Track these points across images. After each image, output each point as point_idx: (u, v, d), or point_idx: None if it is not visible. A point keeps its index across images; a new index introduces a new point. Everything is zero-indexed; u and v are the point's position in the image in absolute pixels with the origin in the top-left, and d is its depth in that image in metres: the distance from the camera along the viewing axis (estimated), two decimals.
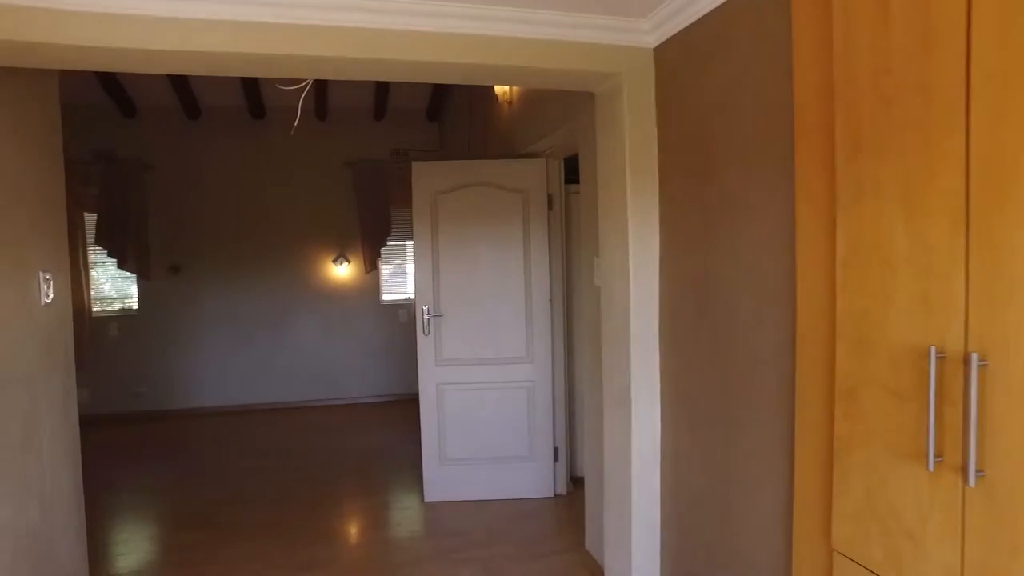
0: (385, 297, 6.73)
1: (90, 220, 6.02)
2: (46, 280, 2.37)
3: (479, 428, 3.77)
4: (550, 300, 3.78)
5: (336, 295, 6.52)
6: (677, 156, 2.23)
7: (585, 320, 3.12)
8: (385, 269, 6.76)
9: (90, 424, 6.12)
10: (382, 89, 6.08)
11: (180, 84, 5.74)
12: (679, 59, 2.17)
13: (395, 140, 6.48)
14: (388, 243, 6.52)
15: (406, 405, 6.08)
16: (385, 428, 5.61)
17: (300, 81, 2.38)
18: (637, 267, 2.35)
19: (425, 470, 3.83)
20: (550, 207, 3.79)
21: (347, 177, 6.45)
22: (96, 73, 5.51)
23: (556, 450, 3.87)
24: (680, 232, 2.22)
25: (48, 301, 2.37)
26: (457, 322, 3.74)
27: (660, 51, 2.28)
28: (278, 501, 3.97)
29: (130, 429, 5.79)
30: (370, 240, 6.44)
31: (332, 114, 6.42)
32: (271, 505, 3.91)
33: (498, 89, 4.26)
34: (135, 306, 6.22)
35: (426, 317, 3.70)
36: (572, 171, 3.82)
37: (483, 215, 3.76)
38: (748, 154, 1.80)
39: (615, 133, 2.41)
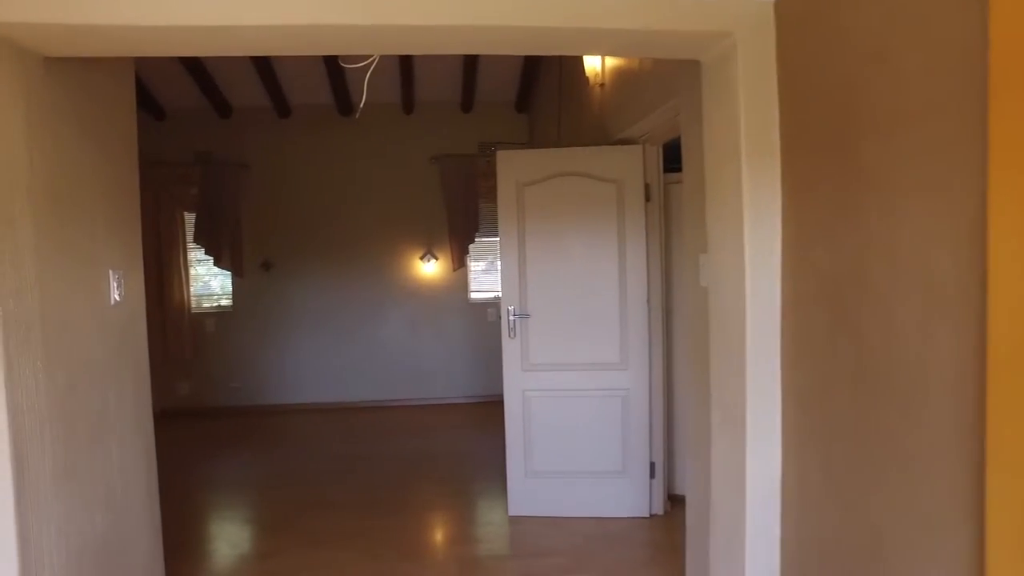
0: (473, 295, 6.55)
1: (190, 220, 6.19)
2: (116, 279, 2.29)
3: (568, 439, 3.47)
4: (647, 301, 3.42)
5: (424, 293, 6.40)
6: (806, 128, 1.84)
7: (687, 324, 2.74)
8: (474, 266, 6.58)
9: (190, 416, 6.41)
10: (469, 81, 5.89)
11: (271, 83, 5.77)
12: (808, 4, 1.78)
13: (483, 133, 6.27)
14: (476, 239, 6.33)
15: (495, 407, 5.85)
16: (473, 431, 5.41)
17: (369, 57, 2.16)
18: (754, 264, 1.97)
19: (510, 482, 3.57)
20: (647, 198, 3.42)
21: (434, 172, 6.31)
22: (194, 76, 5.62)
23: (652, 465, 3.50)
24: (809, 222, 1.83)
25: (118, 299, 2.29)
26: (545, 324, 3.45)
27: (782, 0, 1.89)
28: (361, 507, 3.84)
29: (226, 423, 5.91)
30: (458, 237, 6.27)
31: (419, 108, 6.29)
32: (353, 511, 3.78)
33: (589, 71, 3.93)
34: (230, 302, 6.35)
35: (512, 318, 3.44)
36: (671, 159, 3.45)
37: (574, 208, 3.45)
38: (911, 116, 1.39)
39: (727, 106, 2.03)
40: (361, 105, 2.85)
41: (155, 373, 6.06)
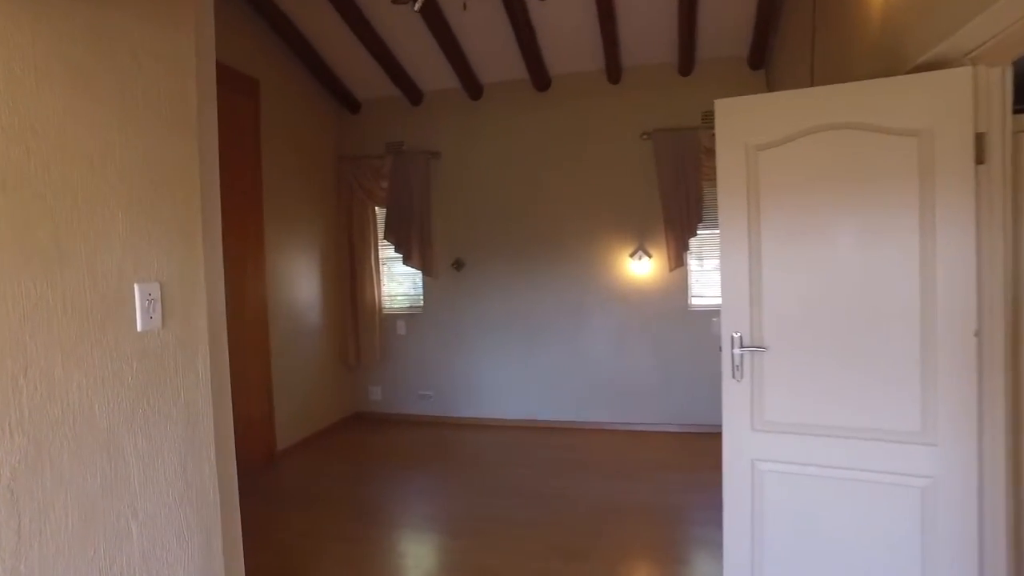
0: (694, 300, 5.33)
1: (382, 216, 5.86)
2: (148, 297, 1.65)
3: (826, 548, 2.21)
4: (975, 332, 2.03)
5: (633, 297, 5.35)
6: None
7: None
8: (696, 265, 5.36)
9: (382, 422, 6.10)
10: (687, 36, 4.69)
11: (460, 63, 5.17)
12: None
13: (707, 100, 4.97)
14: (699, 232, 5.11)
15: (717, 441, 4.66)
16: (687, 475, 4.25)
17: None
18: None
19: None
20: (979, 158, 2.03)
21: (647, 151, 5.21)
22: (383, 64, 5.22)
23: None
24: None
25: (150, 325, 1.65)
26: (790, 363, 2.23)
27: None
28: (527, 570, 2.97)
29: (415, 434, 5.46)
30: (675, 229, 5.11)
31: (627, 75, 5.24)
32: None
33: None
34: (421, 304, 5.92)
35: (737, 351, 2.28)
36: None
37: (841, 180, 2.17)
38: None
39: None
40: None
41: (349, 376, 5.80)
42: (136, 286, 1.63)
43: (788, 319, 2.21)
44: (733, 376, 2.27)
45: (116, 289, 1.58)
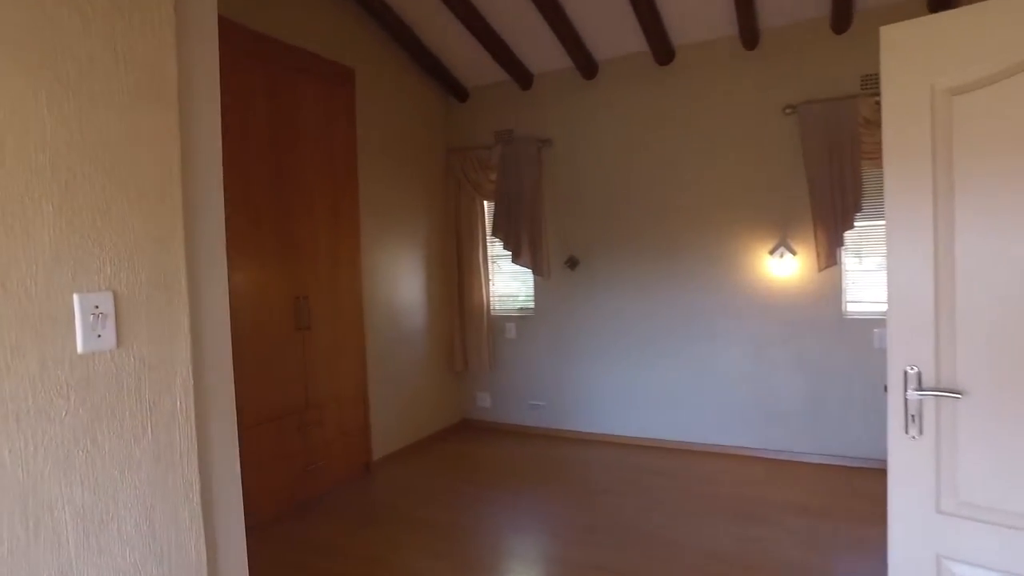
0: (850, 307, 4.40)
1: (490, 210, 5.46)
2: (95, 311, 1.30)
3: None
4: None
5: (775, 302, 4.52)
6: None
7: None
8: (852, 264, 4.43)
9: (490, 432, 5.67)
10: None
11: (571, 40, 4.63)
12: None
13: (868, 61, 4.09)
14: (855, 224, 4.20)
15: (880, 480, 3.78)
16: (836, 521, 3.43)
17: None
18: None
19: None
20: None
21: (791, 127, 4.37)
22: (489, 47, 4.81)
23: None
24: None
25: (97, 345, 1.30)
26: (1004, 415, 1.47)
27: None
28: None
29: (522, 447, 5.00)
30: (826, 220, 4.23)
31: (766, 38, 4.43)
32: None
33: None
34: (532, 306, 5.44)
35: (913, 394, 1.56)
36: None
37: None
38: None
39: None
40: None
41: (456, 381, 5.45)
42: (76, 297, 1.28)
43: (999, 348, 1.46)
44: (906, 431, 1.55)
45: (42, 302, 1.23)
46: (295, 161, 3.96)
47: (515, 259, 5.23)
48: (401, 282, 5.02)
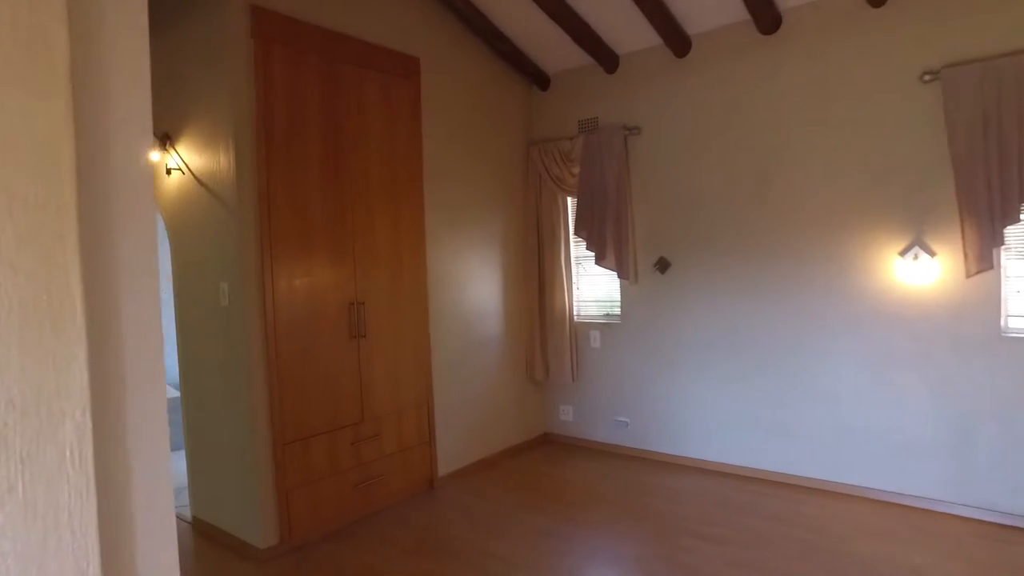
0: (1010, 322, 3.50)
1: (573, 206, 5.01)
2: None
3: None
4: None
5: (907, 314, 3.70)
6: None
7: None
8: (1014, 268, 3.52)
9: (571, 448, 5.05)
10: None
11: (660, 15, 4.08)
12: None
13: None
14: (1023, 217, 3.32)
15: None
16: None
17: None
18: None
19: None
20: None
21: (931, 99, 3.54)
22: (568, 30, 4.36)
23: None
24: None
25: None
26: None
27: None
28: None
29: (603, 467, 4.52)
30: (978, 212, 3.38)
31: None
32: None
33: None
34: (618, 312, 4.91)
35: None
36: None
37: None
38: None
39: None
40: None
41: (537, 392, 5.05)
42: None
43: None
44: None
45: None
46: (354, 159, 3.75)
47: (599, 261, 4.74)
48: (474, 286, 4.70)
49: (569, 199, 5.04)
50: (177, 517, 4.04)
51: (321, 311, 3.59)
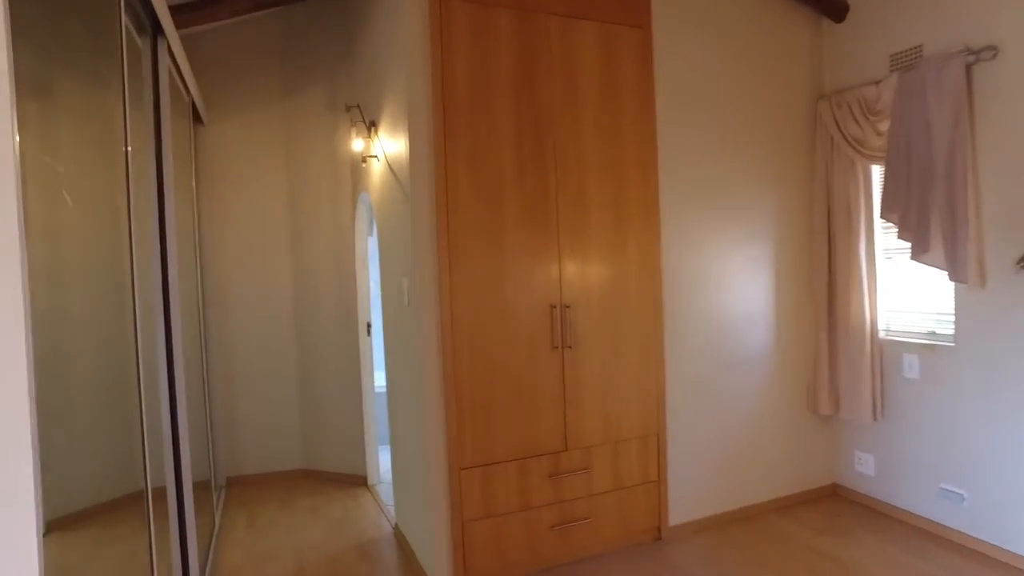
0: None
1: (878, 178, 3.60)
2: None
3: None
4: None
5: None
6: None
7: None
8: None
9: (864, 514, 3.73)
10: None
11: None
12: None
13: None
14: None
15: None
16: None
17: None
18: None
19: None
20: None
21: None
22: None
23: None
24: None
25: None
26: None
27: None
28: None
29: (912, 558, 3.10)
30: None
31: None
32: None
33: None
34: (950, 330, 3.35)
35: None
36: None
37: None
38: None
39: None
40: None
41: (822, 429, 3.77)
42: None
43: None
44: None
45: None
46: (560, 133, 3.09)
47: (918, 255, 3.27)
48: (731, 287, 3.64)
49: (874, 168, 3.62)
50: (388, 520, 3.88)
51: (514, 315, 3.01)
